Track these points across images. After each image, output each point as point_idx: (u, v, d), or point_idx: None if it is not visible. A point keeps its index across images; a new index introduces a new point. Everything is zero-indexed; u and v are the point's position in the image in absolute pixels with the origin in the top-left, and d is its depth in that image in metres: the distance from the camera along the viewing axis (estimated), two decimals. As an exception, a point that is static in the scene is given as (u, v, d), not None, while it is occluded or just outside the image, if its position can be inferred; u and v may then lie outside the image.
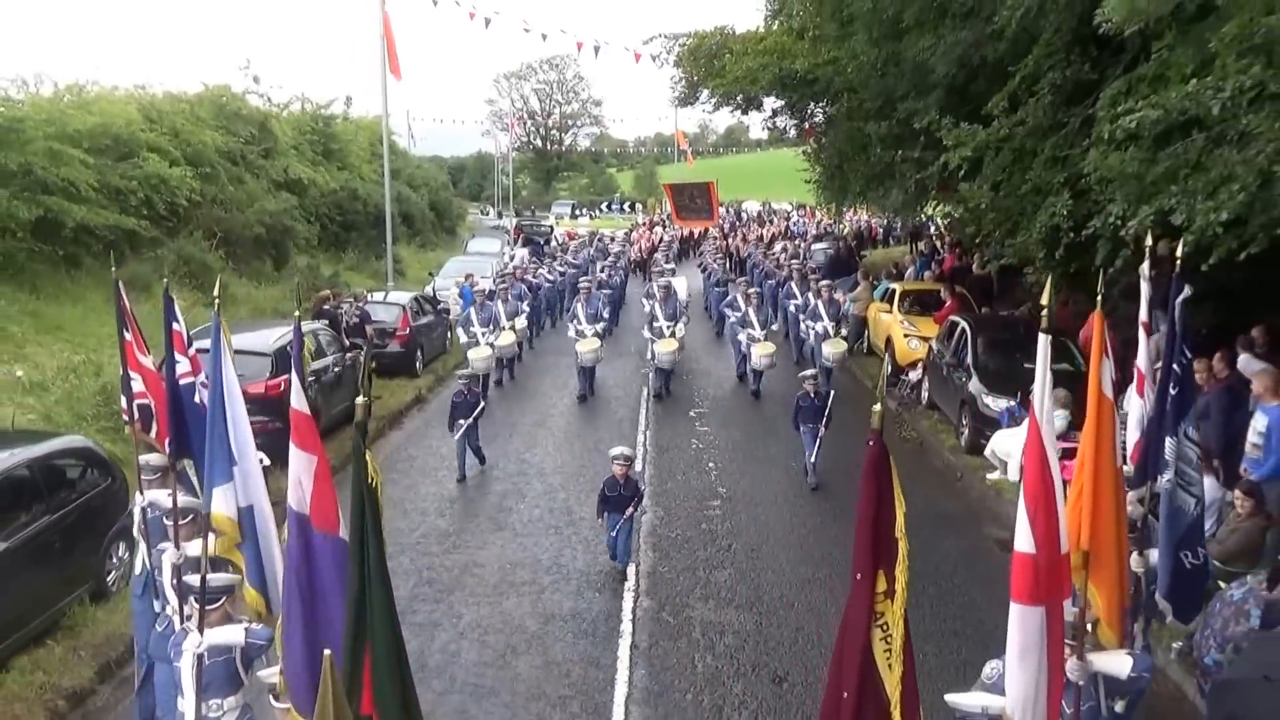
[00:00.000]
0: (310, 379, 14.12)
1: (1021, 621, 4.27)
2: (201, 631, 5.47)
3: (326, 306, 18.05)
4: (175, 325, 6.61)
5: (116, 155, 19.55)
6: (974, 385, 13.96)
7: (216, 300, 5.77)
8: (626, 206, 72.62)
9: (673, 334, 17.86)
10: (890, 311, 19.71)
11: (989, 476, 12.72)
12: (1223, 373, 10.85)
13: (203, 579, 5.44)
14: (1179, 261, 6.01)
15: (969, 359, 14.51)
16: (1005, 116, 12.56)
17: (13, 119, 16.66)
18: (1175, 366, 6.06)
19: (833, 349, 17.00)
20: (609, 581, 9.93)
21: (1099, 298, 5.16)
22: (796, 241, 40.59)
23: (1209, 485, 9.10)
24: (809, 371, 13.40)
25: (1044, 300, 4.49)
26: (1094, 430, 4.78)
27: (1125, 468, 6.50)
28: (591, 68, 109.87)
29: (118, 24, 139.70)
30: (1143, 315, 6.51)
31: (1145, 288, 6.28)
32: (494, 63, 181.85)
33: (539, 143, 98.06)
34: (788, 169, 32.17)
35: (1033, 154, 12.26)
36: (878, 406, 3.90)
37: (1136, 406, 6.81)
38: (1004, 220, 13.10)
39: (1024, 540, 4.27)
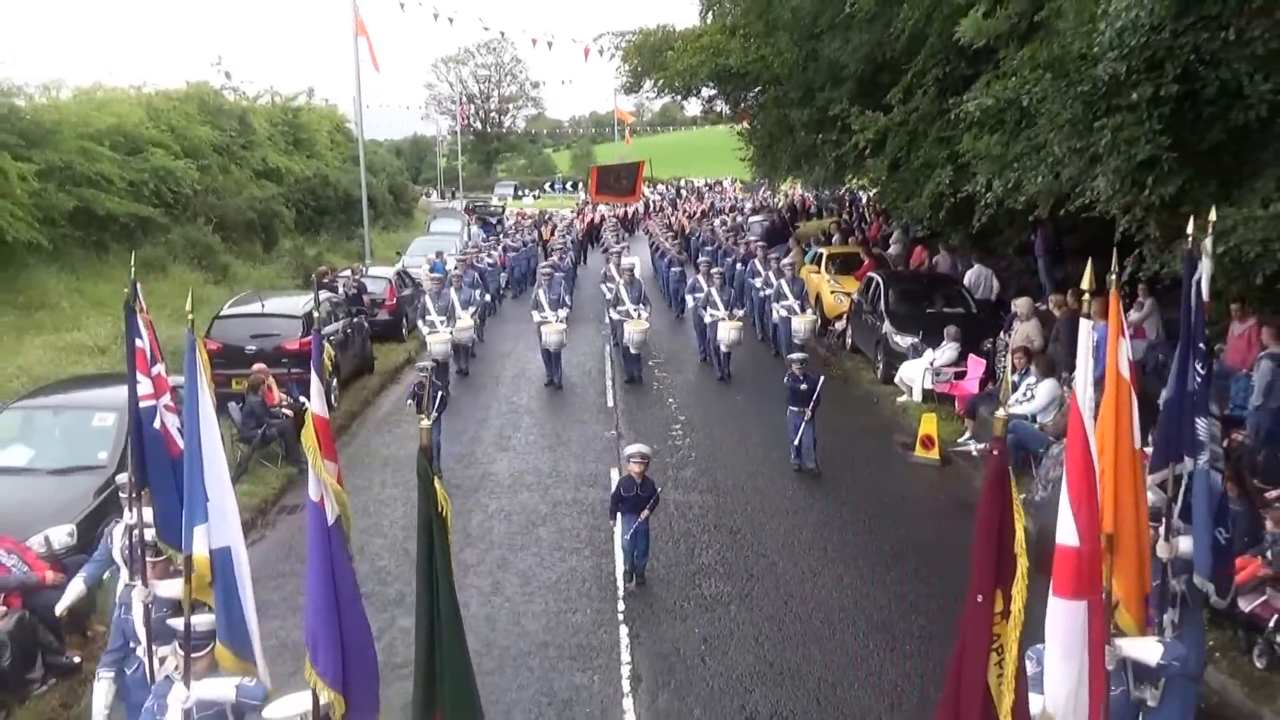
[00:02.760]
0: (332, 338, 16.63)
1: (1065, 617, 4.10)
2: (188, 683, 5.03)
3: (325, 280, 20.51)
4: (138, 341, 6.18)
5: (127, 150, 21.67)
6: (886, 327, 16.92)
7: (190, 317, 5.35)
8: (569, 186, 75.01)
9: (640, 316, 17.63)
10: (818, 272, 22.68)
11: (898, 399, 15.70)
12: (1073, 304, 13.92)
13: (186, 624, 5.05)
14: (1190, 239, 5.97)
15: (882, 307, 17.46)
16: (901, 105, 15.48)
17: (53, 121, 18.86)
18: (1201, 345, 5.94)
19: (802, 323, 17.73)
20: (600, 479, 12.64)
21: (1113, 276, 4.98)
22: (734, 215, 43.52)
23: (1049, 386, 12.19)
24: (796, 355, 13.24)
25: (1084, 284, 4.37)
26: (1113, 412, 4.59)
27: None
28: (528, 51, 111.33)
29: (82, 20, 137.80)
30: (1205, 295, 6.21)
31: (1206, 264, 6.09)
32: (428, 47, 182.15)
33: (479, 125, 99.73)
34: (721, 146, 34.75)
35: (923, 136, 15.19)
36: (1001, 412, 3.69)
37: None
38: (902, 189, 16.07)
39: (1067, 533, 4.08)
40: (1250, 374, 10.73)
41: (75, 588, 7.17)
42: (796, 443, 12.59)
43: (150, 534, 6.04)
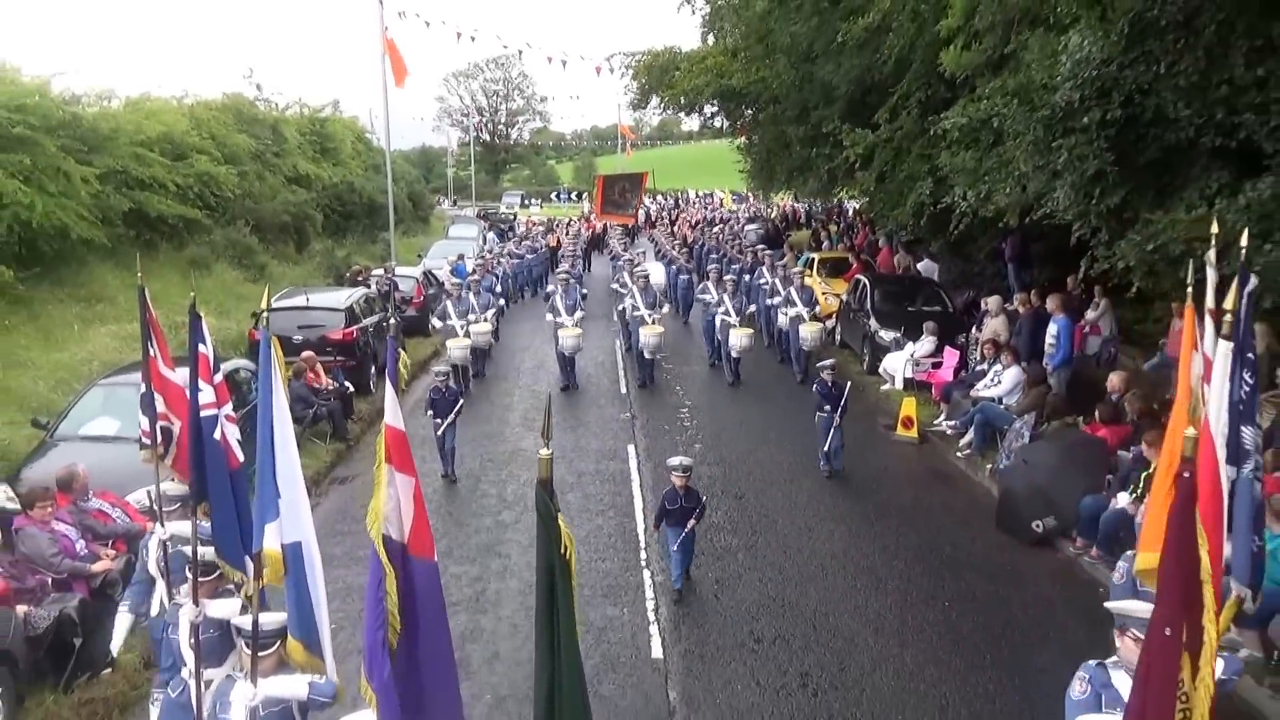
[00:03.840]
0: (369, 329, 17.66)
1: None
2: (254, 681, 4.81)
3: (360, 279, 21.60)
4: (201, 348, 5.78)
5: (173, 156, 22.67)
6: (872, 324, 18.01)
7: (265, 314, 5.13)
8: (573, 196, 76.16)
9: (656, 322, 17.39)
10: (811, 275, 23.75)
11: (882, 387, 16.77)
12: (1035, 302, 15.00)
13: (254, 622, 4.83)
14: (1244, 250, 5.60)
15: (869, 305, 18.56)
16: (888, 124, 16.57)
17: (110, 129, 19.88)
18: (1250, 354, 5.73)
19: (809, 331, 17.33)
20: (619, 454, 13.72)
21: (1189, 289, 4.78)
22: (729, 225, 44.66)
23: (1014, 373, 13.27)
24: (827, 361, 13.10)
25: (1228, 305, 4.25)
26: (1184, 426, 4.22)
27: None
28: (537, 68, 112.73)
29: (121, 34, 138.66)
30: (1209, 302, 6.02)
31: (1211, 274, 5.89)
32: (437, 62, 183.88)
33: (487, 137, 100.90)
34: (716, 159, 35.76)
35: (907, 152, 16.28)
36: (1191, 430, 3.39)
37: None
38: (888, 199, 17.18)
39: None
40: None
41: (123, 622, 6.79)
42: (826, 447, 12.47)
43: (205, 551, 5.66)
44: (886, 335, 17.38)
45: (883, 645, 8.25)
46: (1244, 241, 5.49)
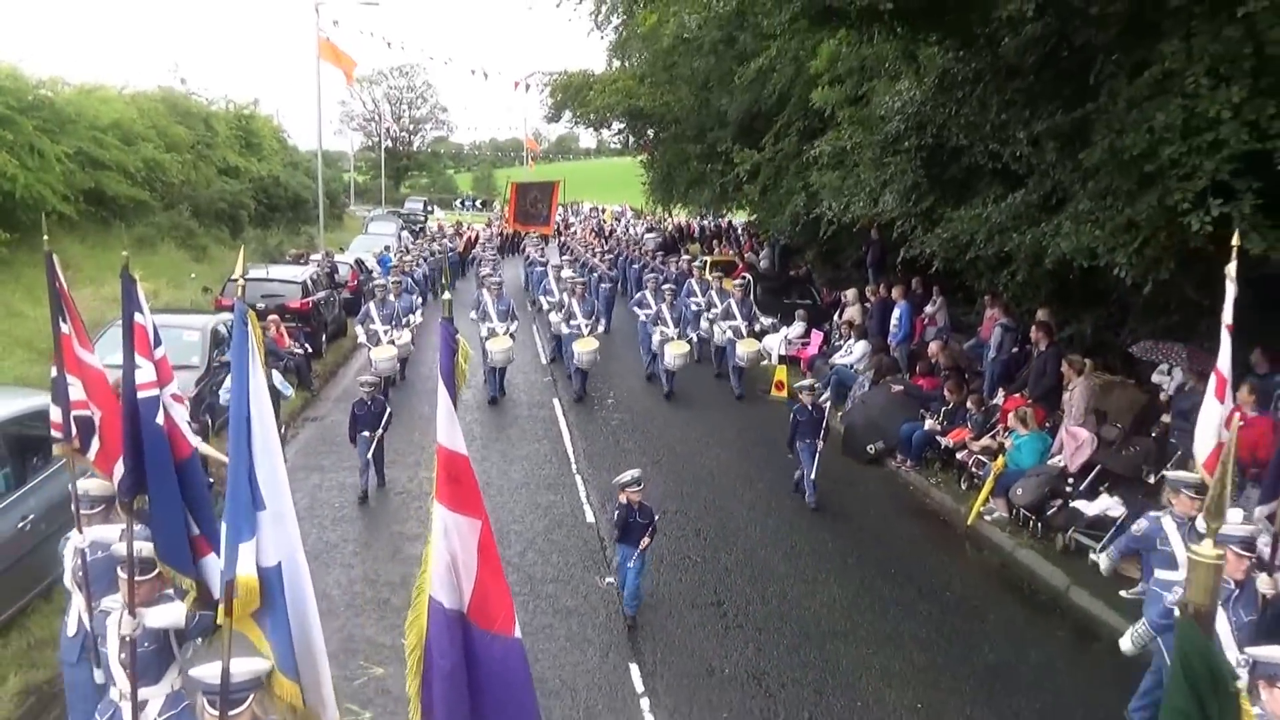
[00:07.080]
0: (321, 300, 20.06)
1: None
2: None
3: (300, 261, 23.89)
4: (138, 317, 4.83)
5: (123, 142, 24.49)
6: (755, 312, 21.35)
7: (241, 284, 4.29)
8: (479, 204, 78.37)
9: (591, 332, 16.85)
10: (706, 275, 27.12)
11: (762, 362, 20.05)
12: (884, 294, 18.52)
13: (224, 673, 4.07)
14: None
15: (752, 298, 21.90)
16: (771, 146, 19.99)
17: (73, 112, 21.69)
18: None
19: (746, 349, 17.28)
20: (545, 405, 16.60)
21: None
22: (625, 234, 47.77)
23: (863, 345, 16.72)
24: (805, 382, 12.74)
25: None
26: None
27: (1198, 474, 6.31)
28: (436, 77, 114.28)
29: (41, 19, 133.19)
30: (1226, 317, 5.85)
31: (1231, 288, 5.73)
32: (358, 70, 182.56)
33: (389, 143, 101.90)
34: (613, 175, 38.43)
35: (786, 170, 19.71)
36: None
37: (1216, 411, 6.17)
38: (769, 210, 20.60)
39: None
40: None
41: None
42: (814, 476, 11.60)
43: (141, 547, 4.76)
44: (766, 321, 20.74)
45: (754, 517, 11.40)
46: None
